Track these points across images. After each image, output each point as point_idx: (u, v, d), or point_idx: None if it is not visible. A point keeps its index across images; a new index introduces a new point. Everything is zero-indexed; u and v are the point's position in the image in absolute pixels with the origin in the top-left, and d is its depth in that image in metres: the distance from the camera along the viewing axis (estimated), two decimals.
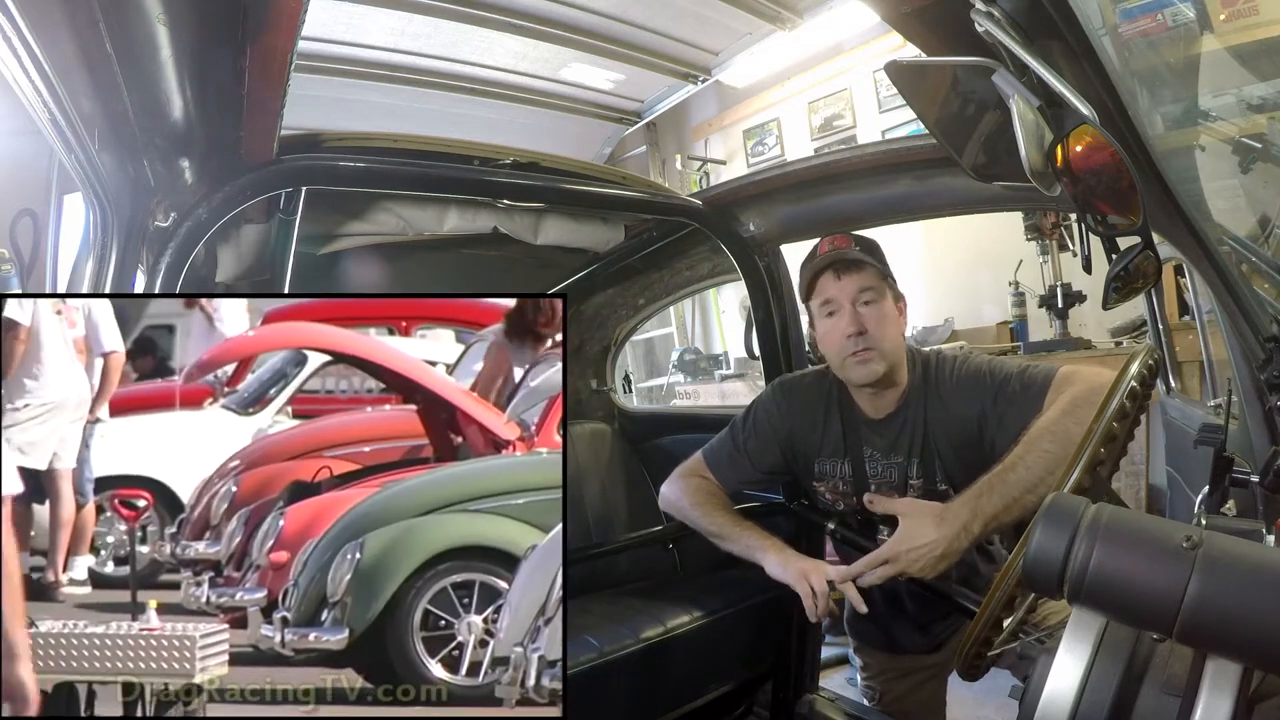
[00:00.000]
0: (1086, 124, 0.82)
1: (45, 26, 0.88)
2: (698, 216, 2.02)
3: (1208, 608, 0.56)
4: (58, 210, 2.99)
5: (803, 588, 1.48)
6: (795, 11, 4.73)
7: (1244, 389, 1.49)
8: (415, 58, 4.72)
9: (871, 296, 1.57)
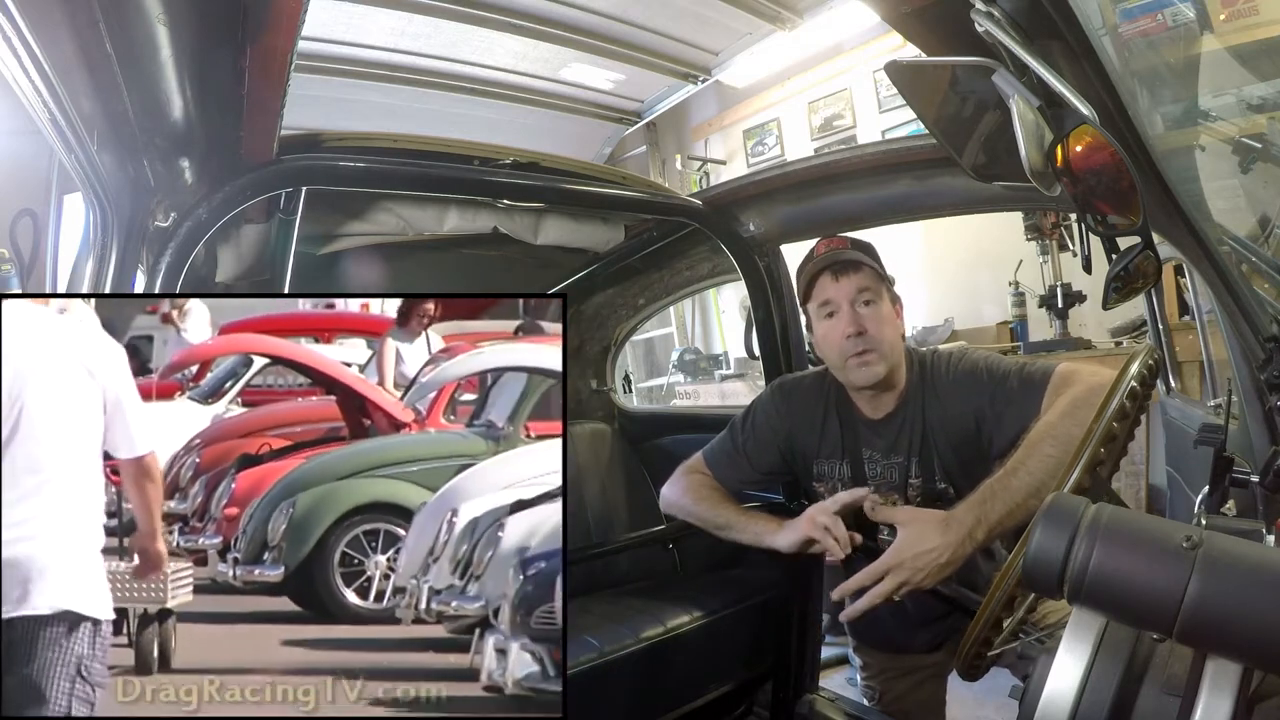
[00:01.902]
0: (1086, 124, 0.82)
1: (45, 26, 0.88)
2: (698, 216, 2.02)
3: (1208, 608, 0.56)
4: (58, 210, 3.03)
5: (816, 532, 1.48)
6: (795, 11, 4.73)
7: (1244, 389, 1.49)
8: (415, 58, 4.72)
9: (870, 297, 1.57)
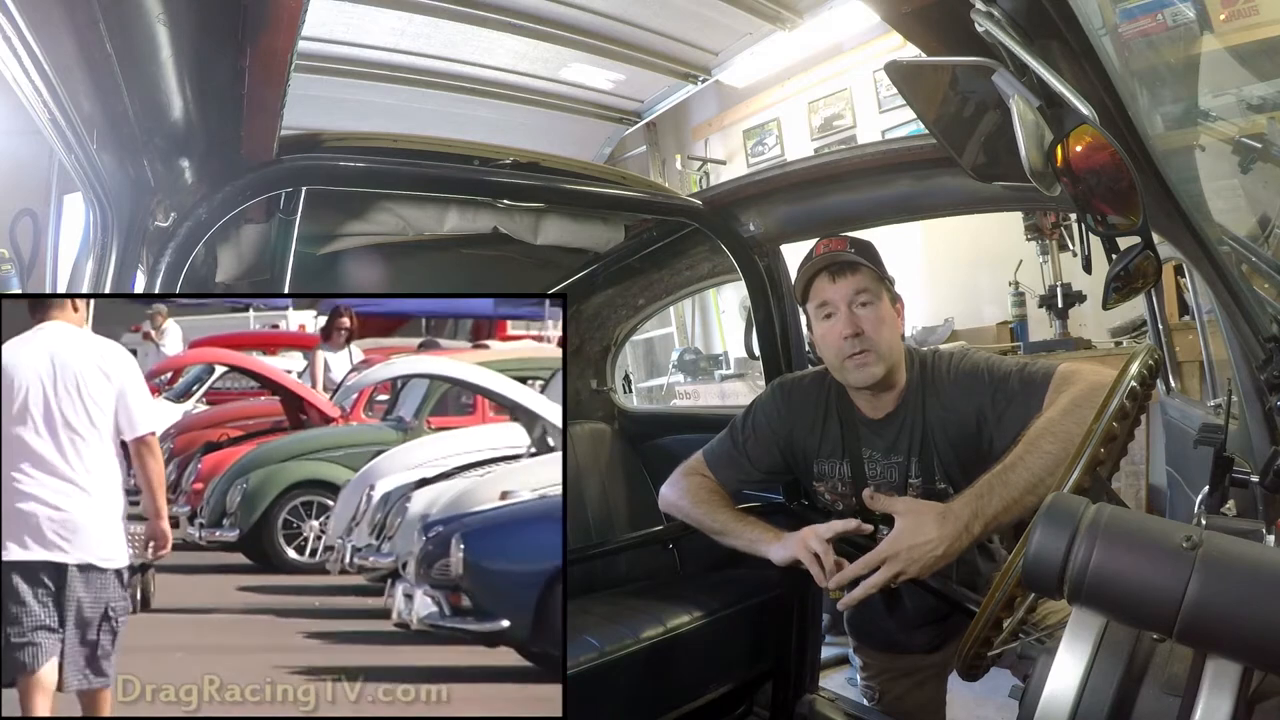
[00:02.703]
0: (1086, 124, 0.82)
1: (45, 26, 0.88)
2: (698, 216, 2.02)
3: (1208, 608, 0.56)
4: (58, 210, 3.06)
5: (805, 555, 1.48)
6: (795, 11, 4.73)
7: (1244, 389, 1.49)
8: (415, 58, 4.71)
9: (868, 298, 1.57)
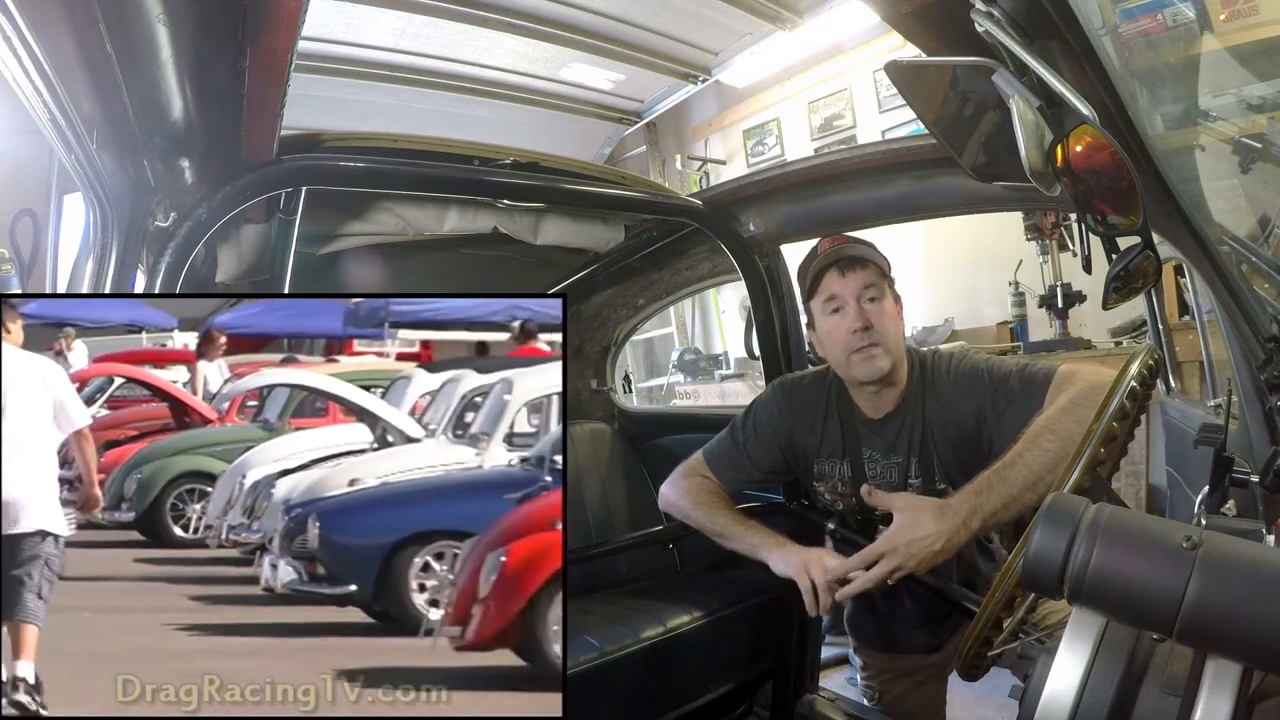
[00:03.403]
0: (1086, 124, 0.82)
1: (45, 26, 0.88)
2: (698, 216, 2.02)
3: (1208, 608, 0.56)
4: (58, 210, 3.08)
5: (803, 581, 1.48)
6: (795, 11, 4.73)
7: (1244, 389, 1.49)
8: (415, 58, 4.71)
9: (874, 294, 1.58)
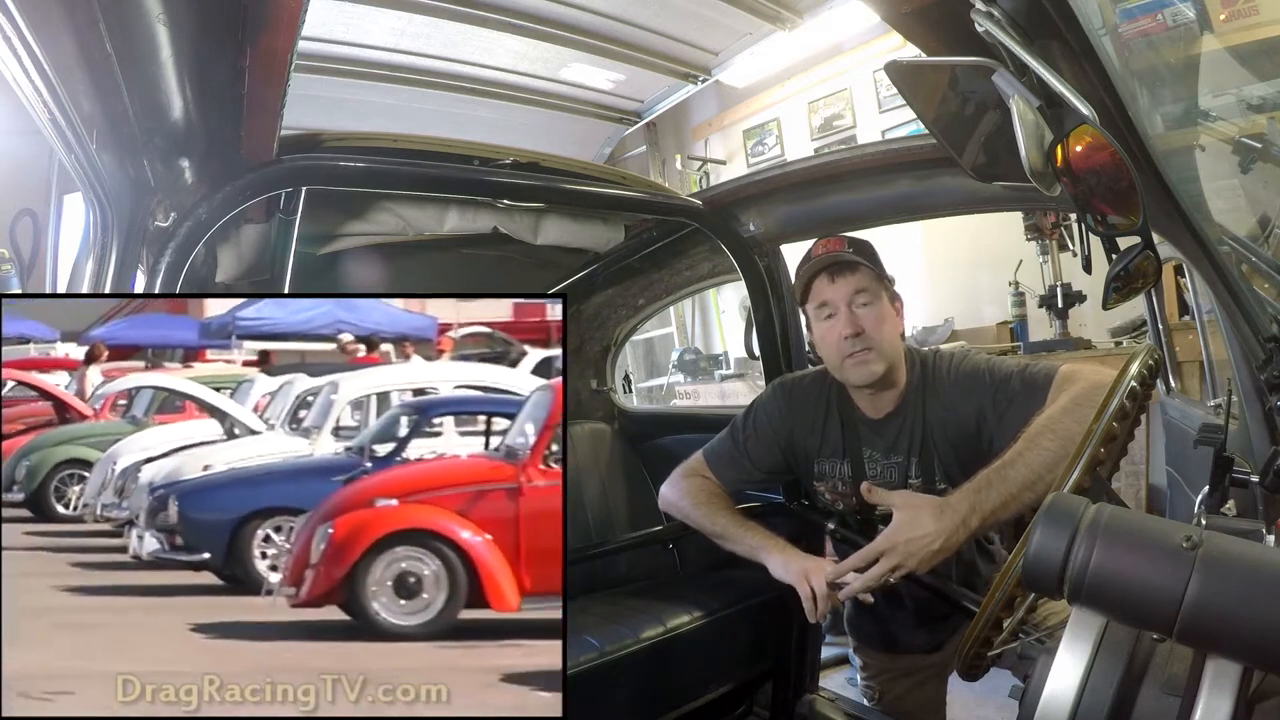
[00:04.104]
0: (1086, 124, 0.82)
1: (45, 26, 0.88)
2: (698, 216, 2.02)
3: (1208, 608, 0.56)
4: (58, 210, 3.09)
5: (803, 589, 1.48)
6: (795, 11, 4.73)
7: (1244, 389, 1.49)
8: (415, 58, 4.71)
9: (867, 298, 1.57)
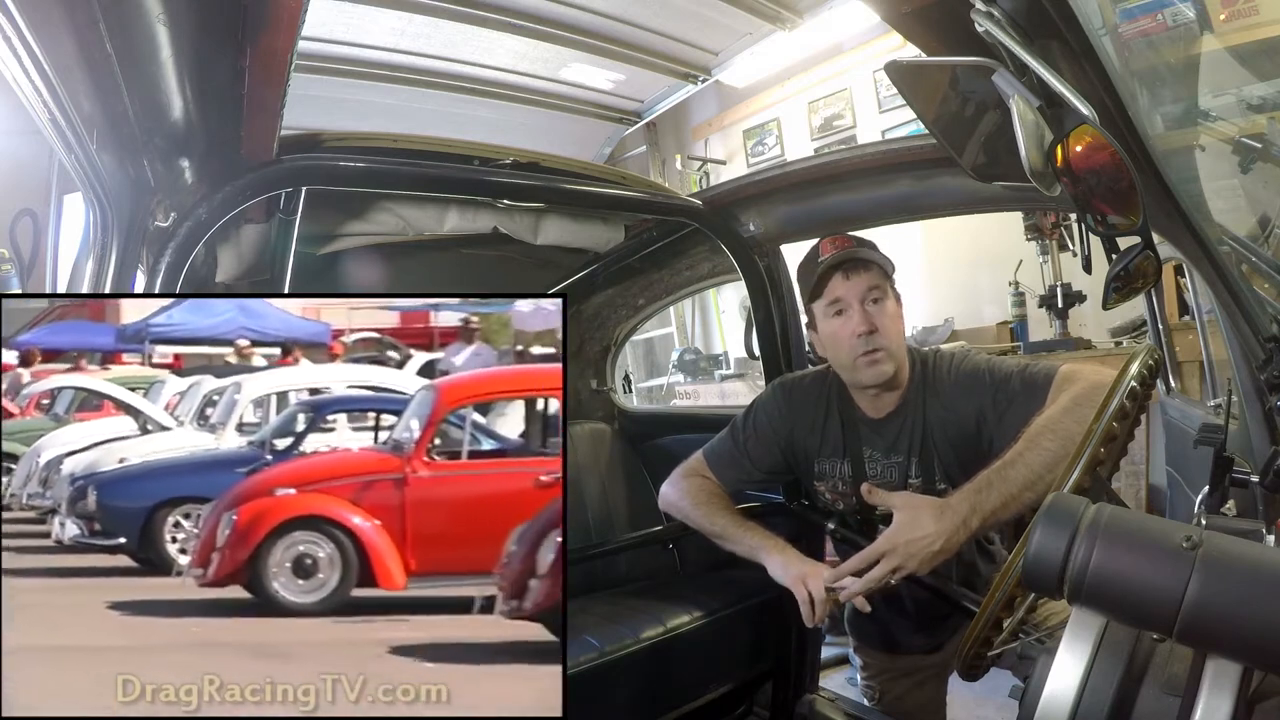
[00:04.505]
0: (1086, 124, 0.82)
1: (45, 26, 0.88)
2: (698, 216, 2.02)
3: (1208, 608, 0.56)
4: (58, 210, 3.09)
5: (800, 593, 1.48)
6: (795, 11, 4.73)
7: (1244, 389, 1.49)
8: (415, 58, 4.71)
9: (878, 295, 1.58)
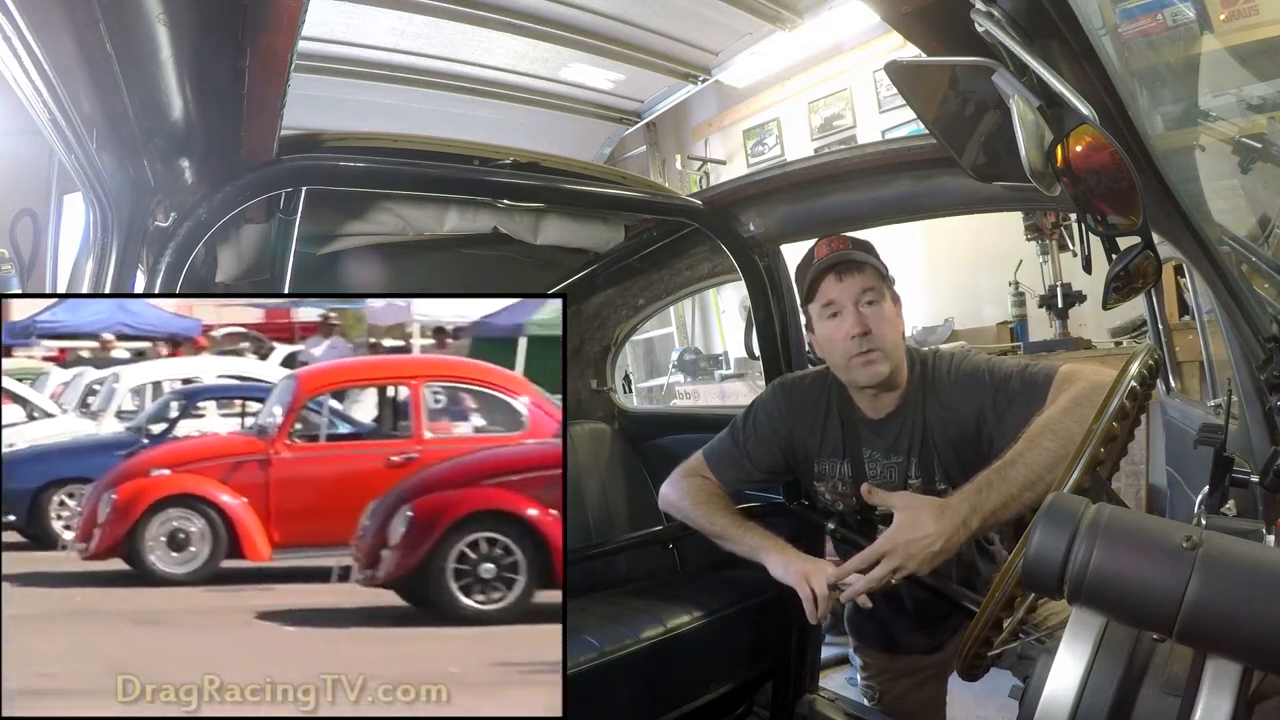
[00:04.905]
0: (1086, 124, 0.82)
1: (45, 26, 0.88)
2: (698, 216, 2.02)
3: (1208, 608, 0.56)
4: (58, 210, 3.09)
5: (804, 590, 1.48)
6: (795, 11, 4.73)
7: (1244, 389, 1.49)
8: (415, 58, 4.71)
9: (873, 297, 1.57)
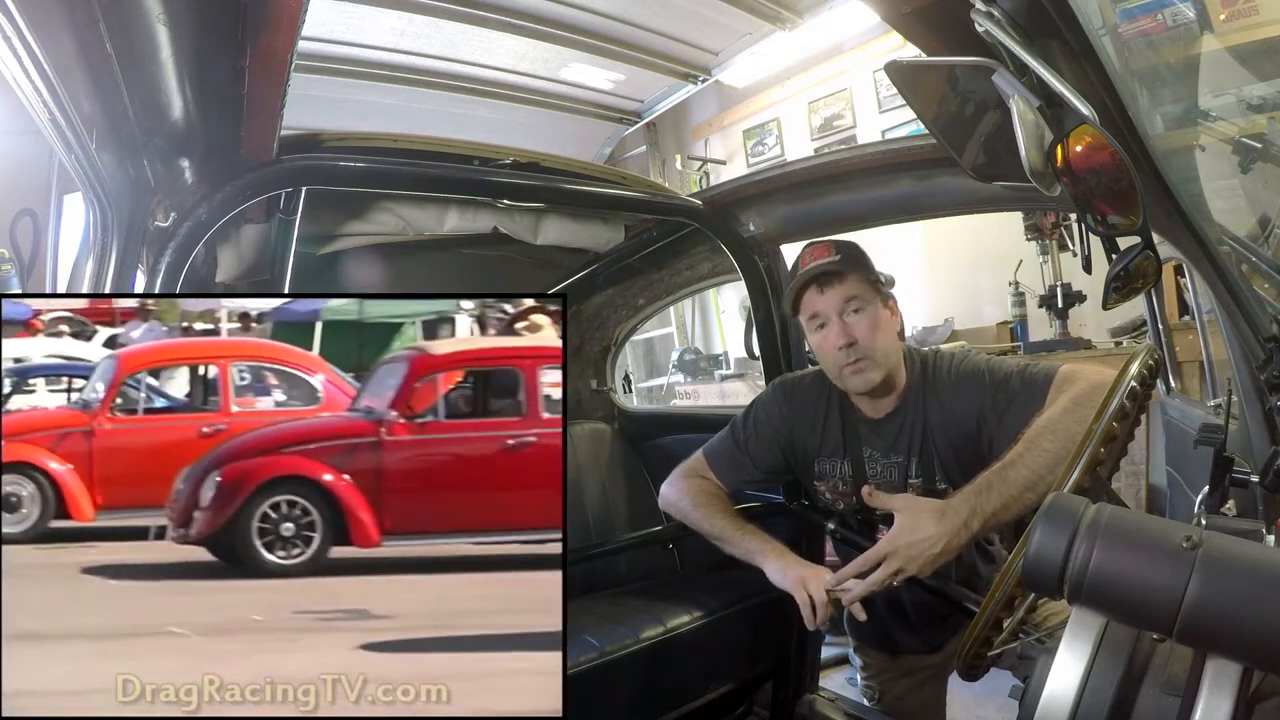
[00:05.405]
0: (1086, 124, 0.82)
1: (45, 26, 0.88)
2: (698, 216, 2.02)
3: (1208, 608, 0.56)
4: (58, 210, 3.08)
5: (801, 595, 1.48)
6: (795, 11, 4.73)
7: (1244, 389, 1.49)
8: (415, 58, 4.71)
9: (858, 304, 1.57)
